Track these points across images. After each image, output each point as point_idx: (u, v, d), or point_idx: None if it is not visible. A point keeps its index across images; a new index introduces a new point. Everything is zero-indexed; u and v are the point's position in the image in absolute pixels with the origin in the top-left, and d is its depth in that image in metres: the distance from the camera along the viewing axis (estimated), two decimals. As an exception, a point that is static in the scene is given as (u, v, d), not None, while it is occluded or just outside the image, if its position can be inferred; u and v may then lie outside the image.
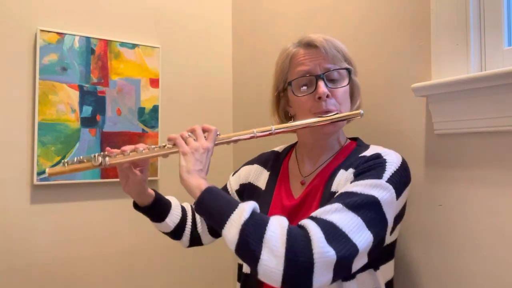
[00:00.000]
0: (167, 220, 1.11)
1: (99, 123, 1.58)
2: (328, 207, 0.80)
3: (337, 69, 0.99)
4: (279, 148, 1.20)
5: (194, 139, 0.93)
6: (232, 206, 0.80)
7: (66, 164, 0.94)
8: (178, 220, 1.13)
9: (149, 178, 1.67)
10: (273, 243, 0.73)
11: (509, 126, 0.88)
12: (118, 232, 1.62)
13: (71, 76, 1.54)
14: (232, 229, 0.76)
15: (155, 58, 1.70)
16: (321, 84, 0.96)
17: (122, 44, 1.63)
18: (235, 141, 0.99)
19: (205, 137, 0.95)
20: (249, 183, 1.15)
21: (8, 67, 1.45)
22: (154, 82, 1.70)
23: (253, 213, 0.78)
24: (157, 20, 1.74)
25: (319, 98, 0.96)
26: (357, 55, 1.26)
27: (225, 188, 1.21)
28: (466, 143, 0.98)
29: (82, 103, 1.55)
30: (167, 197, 1.15)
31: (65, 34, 1.53)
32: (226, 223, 0.78)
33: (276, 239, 0.74)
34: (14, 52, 1.46)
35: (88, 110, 1.56)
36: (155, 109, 1.70)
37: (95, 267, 1.58)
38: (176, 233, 1.15)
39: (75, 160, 0.94)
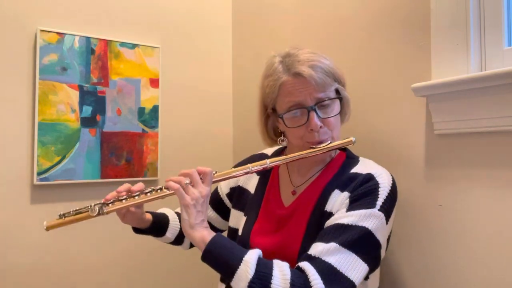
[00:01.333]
0: (167, 234, 1.17)
1: (99, 123, 1.58)
2: (325, 247, 0.86)
3: (329, 98, 0.98)
4: (268, 150, 1.21)
5: (191, 185, 0.94)
6: (237, 261, 0.84)
7: (63, 217, 0.97)
8: (177, 232, 1.19)
9: (149, 178, 1.67)
10: None
11: (509, 126, 0.88)
12: (118, 232, 1.62)
13: (71, 76, 1.54)
14: (240, 284, 0.83)
15: (155, 58, 1.70)
16: (313, 116, 0.96)
17: (122, 44, 1.63)
18: (232, 177, 1.00)
19: (201, 180, 0.95)
20: (239, 186, 1.16)
21: (8, 67, 1.45)
22: (154, 82, 1.70)
23: (257, 267, 0.83)
24: (157, 20, 1.74)
25: (312, 130, 0.97)
26: (357, 55, 1.27)
27: (215, 194, 1.23)
28: (466, 143, 0.98)
29: (82, 103, 1.55)
30: (162, 210, 1.20)
31: (65, 34, 1.53)
32: (233, 278, 0.84)
33: None
34: (14, 52, 1.46)
35: (88, 110, 1.56)
36: (155, 109, 1.70)
37: (95, 267, 1.58)
38: (176, 242, 1.21)
39: (71, 212, 0.96)
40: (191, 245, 1.22)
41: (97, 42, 1.58)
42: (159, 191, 0.97)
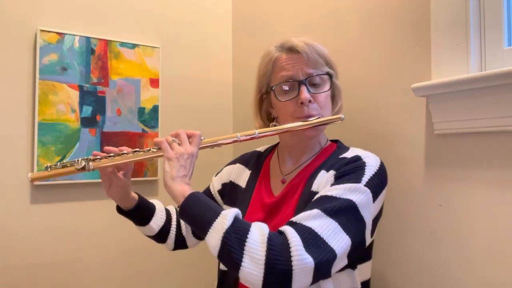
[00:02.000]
0: (151, 223, 1.12)
1: (99, 123, 1.58)
2: (307, 213, 0.83)
3: (319, 74, 1.00)
4: (261, 148, 1.22)
5: (178, 144, 0.95)
6: (215, 213, 0.82)
7: (49, 169, 0.94)
8: (162, 223, 1.15)
9: (149, 178, 1.67)
10: (254, 251, 0.76)
11: (509, 126, 0.88)
12: (118, 232, 1.62)
13: (71, 76, 1.54)
14: (214, 236, 0.79)
15: (155, 58, 1.70)
16: (304, 89, 0.98)
17: (122, 44, 1.64)
18: (219, 145, 1.01)
19: (189, 142, 0.96)
20: (230, 181, 1.16)
21: (8, 67, 1.45)
22: (154, 82, 1.70)
23: (234, 221, 0.80)
24: (157, 20, 1.74)
25: (302, 103, 0.98)
26: (357, 55, 1.27)
27: (207, 190, 1.22)
28: (466, 143, 0.98)
29: (82, 103, 1.55)
30: (151, 200, 1.17)
31: (65, 34, 1.53)
32: (208, 230, 0.80)
33: (257, 247, 0.77)
34: (14, 52, 1.46)
35: (88, 110, 1.57)
36: (155, 109, 1.70)
37: (95, 267, 1.58)
38: (160, 236, 1.16)
39: (58, 165, 0.94)
40: (176, 245, 1.19)
41: (97, 42, 1.59)
42: (146, 151, 0.97)
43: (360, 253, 0.90)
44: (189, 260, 1.76)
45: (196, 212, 0.84)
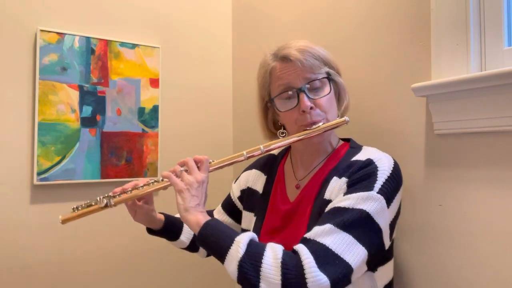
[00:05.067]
0: (181, 237, 1.17)
1: (99, 123, 1.58)
2: (320, 228, 0.83)
3: (317, 79, 0.98)
4: (275, 152, 1.21)
5: (187, 171, 0.96)
6: (229, 241, 0.84)
7: (76, 210, 1.02)
8: (191, 236, 1.19)
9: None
10: (269, 275, 0.79)
11: (509, 126, 0.88)
12: (118, 232, 1.62)
13: (71, 76, 1.54)
14: (231, 264, 0.82)
15: (155, 58, 1.70)
16: (303, 97, 0.96)
17: (122, 44, 1.63)
18: (228, 165, 1.01)
19: (198, 167, 0.96)
20: (248, 187, 1.17)
21: (8, 67, 1.45)
22: (154, 82, 1.70)
23: (249, 246, 0.82)
24: (157, 20, 1.74)
25: (303, 111, 0.97)
26: (357, 55, 1.27)
27: (229, 197, 1.24)
28: (466, 143, 0.98)
29: (82, 103, 1.55)
30: (177, 215, 1.19)
31: (65, 34, 1.53)
32: (225, 259, 0.83)
33: (271, 271, 0.79)
34: (14, 52, 1.46)
35: (88, 110, 1.56)
36: (155, 109, 1.70)
37: (95, 267, 1.58)
38: (192, 247, 1.21)
39: (83, 205, 1.02)
40: (209, 254, 1.21)
41: (97, 42, 1.58)
42: (160, 181, 1.00)
43: (381, 256, 0.90)
44: (189, 260, 1.75)
45: (212, 241, 0.86)
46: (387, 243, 0.89)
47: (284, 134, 1.06)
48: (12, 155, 1.45)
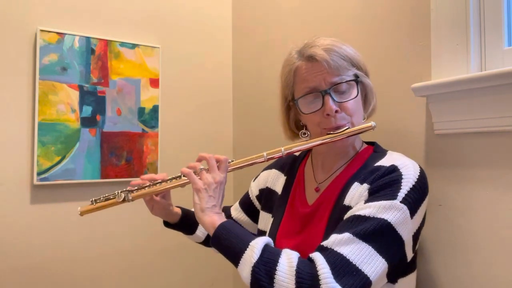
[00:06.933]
0: (197, 232, 1.18)
1: (99, 123, 1.58)
2: (339, 237, 0.80)
3: (344, 81, 0.94)
4: (297, 153, 1.18)
5: (206, 170, 0.95)
6: (244, 245, 0.82)
7: (95, 202, 1.03)
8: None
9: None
10: (283, 283, 0.76)
11: (509, 126, 0.88)
12: (118, 232, 1.62)
13: (71, 76, 1.54)
14: (244, 268, 0.80)
15: (155, 58, 1.70)
16: (328, 100, 0.92)
17: (122, 44, 1.64)
18: (247, 165, 0.99)
19: (217, 167, 0.96)
20: (267, 187, 1.15)
21: (8, 67, 1.45)
22: (154, 82, 1.70)
23: (263, 252, 0.80)
24: (157, 20, 1.74)
25: (328, 115, 0.93)
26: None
27: (246, 195, 1.23)
28: (466, 143, 0.98)
29: (82, 103, 1.55)
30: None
31: (65, 34, 1.53)
32: (239, 263, 0.81)
33: (286, 280, 0.76)
34: (14, 52, 1.46)
35: (88, 110, 1.57)
36: (155, 109, 1.70)
37: (95, 267, 1.58)
38: (207, 242, 1.20)
39: (101, 198, 1.03)
40: None
41: (97, 42, 1.59)
42: (178, 178, 1.00)
43: (402, 267, 0.87)
44: (189, 260, 1.76)
45: (227, 244, 0.85)
46: (409, 255, 0.85)
47: (306, 135, 1.03)
48: (12, 155, 1.45)
